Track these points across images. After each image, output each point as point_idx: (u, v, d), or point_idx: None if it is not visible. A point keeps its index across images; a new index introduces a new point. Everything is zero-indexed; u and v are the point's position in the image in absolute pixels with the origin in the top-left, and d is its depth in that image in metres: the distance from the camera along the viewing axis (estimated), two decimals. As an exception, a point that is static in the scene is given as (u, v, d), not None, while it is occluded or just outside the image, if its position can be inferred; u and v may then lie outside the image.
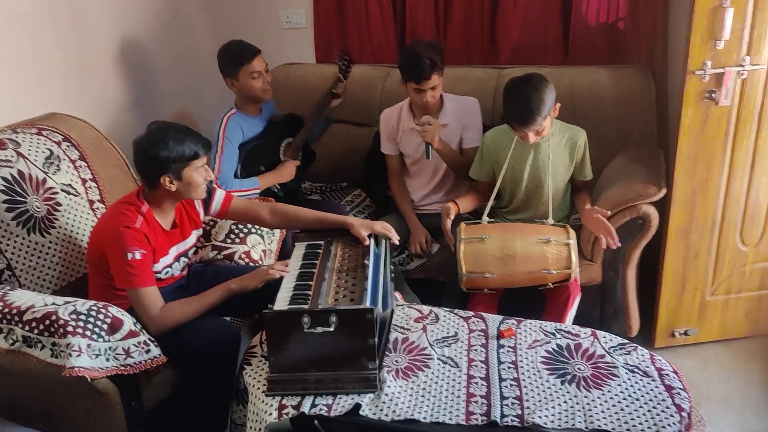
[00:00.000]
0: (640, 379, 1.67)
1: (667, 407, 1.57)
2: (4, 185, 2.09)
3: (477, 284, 2.18)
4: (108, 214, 1.98)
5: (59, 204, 2.24)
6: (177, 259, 2.06)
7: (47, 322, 1.68)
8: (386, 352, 1.80)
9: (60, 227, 2.21)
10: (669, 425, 1.52)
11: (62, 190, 2.27)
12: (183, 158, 1.87)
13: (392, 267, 2.54)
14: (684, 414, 1.56)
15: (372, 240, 2.00)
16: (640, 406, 1.58)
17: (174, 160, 1.86)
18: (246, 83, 2.64)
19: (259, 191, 2.61)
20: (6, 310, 1.74)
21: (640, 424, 1.53)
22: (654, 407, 1.58)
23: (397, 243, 2.08)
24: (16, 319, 1.72)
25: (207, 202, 2.13)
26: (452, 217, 2.30)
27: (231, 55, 2.63)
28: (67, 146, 2.37)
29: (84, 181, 2.37)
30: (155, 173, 1.88)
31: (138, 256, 1.84)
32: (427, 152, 2.50)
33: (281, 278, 1.87)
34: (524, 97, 2.13)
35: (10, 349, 1.72)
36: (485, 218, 2.26)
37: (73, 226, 2.26)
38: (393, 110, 2.74)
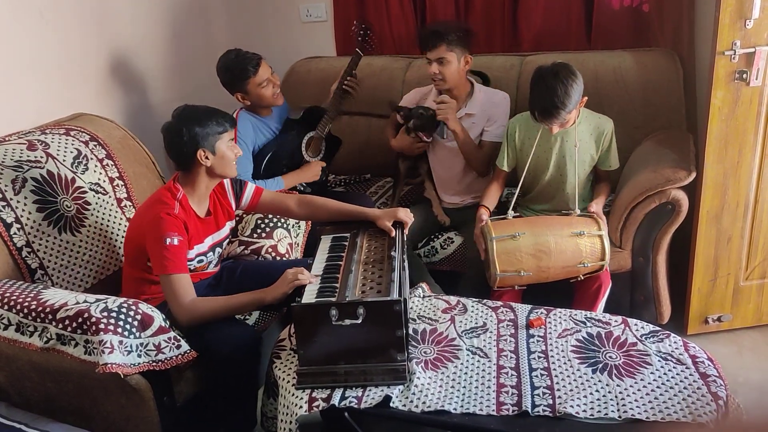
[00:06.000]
0: (674, 367, 1.65)
1: (703, 395, 1.54)
2: (34, 186, 2.13)
3: (510, 282, 2.15)
4: (147, 204, 2.00)
5: (88, 203, 2.27)
6: (212, 249, 2.08)
7: (80, 319, 1.70)
8: (413, 343, 1.80)
9: (89, 226, 2.25)
10: (705, 413, 1.49)
11: (91, 189, 2.30)
12: (215, 131, 1.94)
13: (414, 258, 2.56)
14: (721, 402, 1.53)
15: (398, 230, 2.00)
16: (675, 395, 1.56)
17: (208, 133, 1.92)
18: (256, 94, 2.56)
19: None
20: (40, 308, 1.77)
21: (675, 413, 1.50)
22: (689, 395, 1.55)
23: (406, 230, 2.07)
24: (50, 317, 1.75)
25: (238, 195, 2.15)
26: (485, 220, 2.27)
27: (235, 71, 2.52)
28: (95, 146, 2.40)
29: (111, 179, 2.40)
30: (191, 149, 1.91)
31: (176, 241, 1.87)
32: (440, 131, 2.50)
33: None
34: (551, 90, 2.07)
35: (45, 346, 1.75)
36: (510, 212, 2.22)
37: (102, 224, 2.29)
38: (422, 88, 2.75)
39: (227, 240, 2.18)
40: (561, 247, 2.08)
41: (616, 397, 1.56)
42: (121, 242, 2.30)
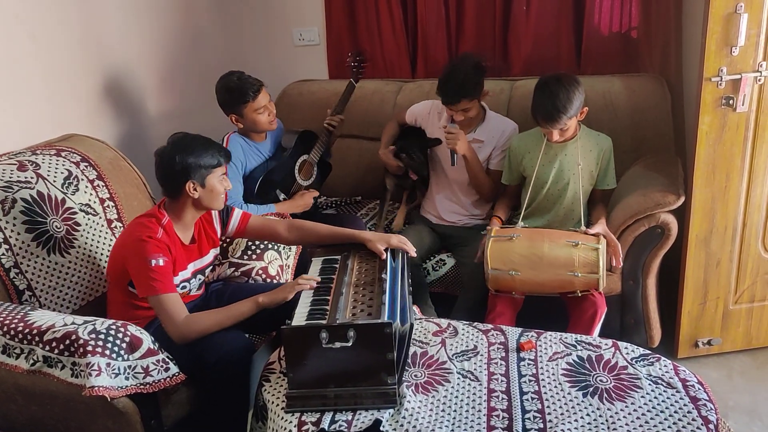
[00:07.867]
0: (664, 391, 1.64)
1: (693, 419, 1.54)
2: (24, 206, 2.12)
3: (503, 284, 2.20)
4: (129, 228, 1.99)
5: (78, 224, 2.26)
6: (194, 275, 2.07)
7: (67, 341, 1.68)
8: (406, 367, 1.79)
9: (79, 247, 2.23)
10: (696, 437, 1.49)
11: (81, 210, 2.29)
12: (208, 165, 1.93)
13: (418, 277, 2.55)
14: (711, 426, 1.53)
15: (389, 254, 1.99)
16: (665, 419, 1.55)
17: (200, 166, 1.91)
18: (251, 119, 2.57)
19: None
20: (27, 330, 1.75)
21: (666, 436, 1.50)
22: (680, 419, 1.55)
23: (414, 255, 2.07)
24: (37, 339, 1.73)
25: (225, 222, 2.14)
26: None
27: (233, 93, 2.52)
28: (86, 166, 2.40)
29: (102, 200, 2.39)
30: (180, 180, 1.91)
31: (161, 262, 1.85)
32: (452, 159, 2.48)
33: (299, 294, 1.87)
34: (552, 95, 2.17)
35: (31, 369, 1.73)
36: (520, 223, 2.30)
37: (92, 245, 2.28)
38: (436, 102, 2.67)
39: (210, 267, 2.17)
40: (554, 253, 2.14)
41: (606, 421, 1.56)
42: (111, 263, 2.29)
